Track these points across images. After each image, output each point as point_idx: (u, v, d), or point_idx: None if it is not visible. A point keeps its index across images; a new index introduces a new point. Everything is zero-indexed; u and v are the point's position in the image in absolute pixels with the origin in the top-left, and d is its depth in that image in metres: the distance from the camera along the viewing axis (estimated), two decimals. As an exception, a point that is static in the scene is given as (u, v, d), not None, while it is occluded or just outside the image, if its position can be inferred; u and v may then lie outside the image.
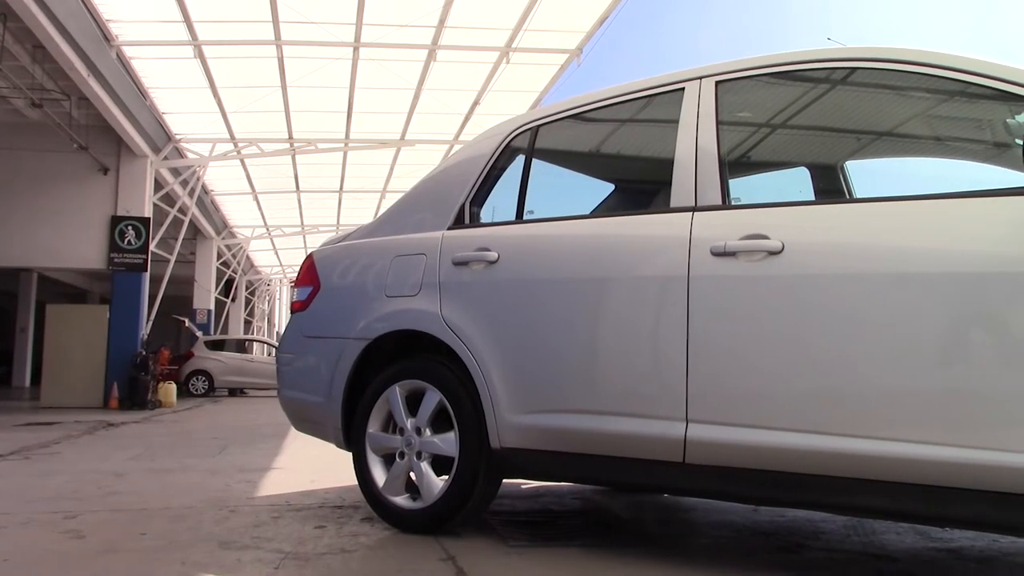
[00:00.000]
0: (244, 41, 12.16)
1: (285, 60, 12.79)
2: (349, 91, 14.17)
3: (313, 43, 12.34)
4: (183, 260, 20.75)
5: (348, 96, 14.42)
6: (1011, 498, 2.05)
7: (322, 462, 5.26)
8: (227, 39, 12.06)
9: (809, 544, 3.09)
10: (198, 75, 12.98)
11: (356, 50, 12.63)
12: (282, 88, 13.78)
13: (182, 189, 16.97)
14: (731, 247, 2.51)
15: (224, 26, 11.70)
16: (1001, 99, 2.38)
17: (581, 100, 3.24)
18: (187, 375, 19.75)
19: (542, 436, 2.87)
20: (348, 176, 19.62)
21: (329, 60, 12.79)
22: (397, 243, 3.46)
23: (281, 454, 6.33)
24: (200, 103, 14.31)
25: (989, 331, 2.16)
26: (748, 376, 2.46)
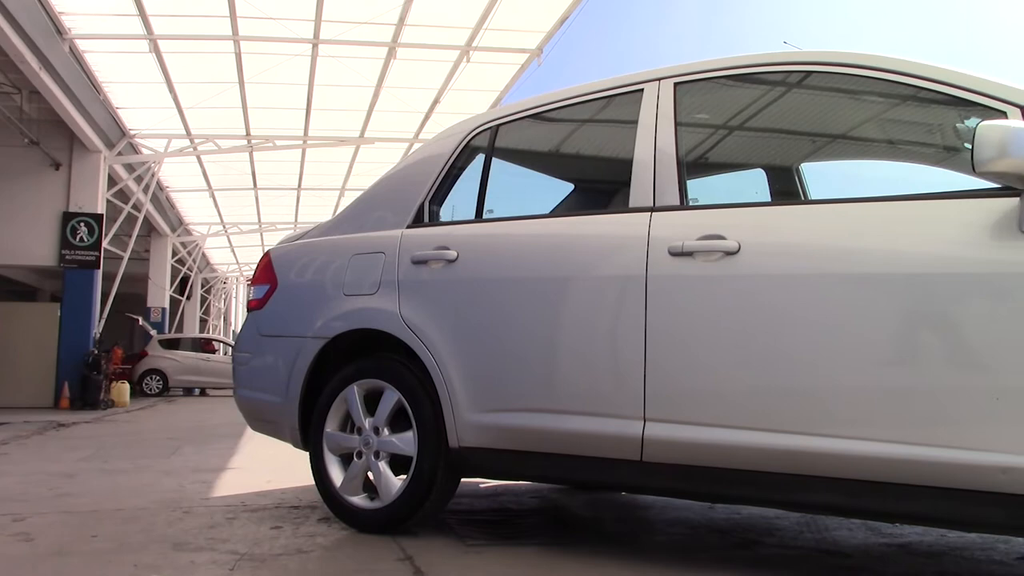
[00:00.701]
0: (201, 36, 11.99)
1: (243, 56, 12.65)
2: (308, 88, 14.05)
3: (271, 39, 12.21)
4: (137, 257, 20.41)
5: (307, 93, 14.30)
6: (958, 494, 2.10)
7: (278, 462, 5.21)
8: (183, 34, 11.88)
9: (763, 540, 3.13)
10: (153, 70, 12.77)
11: (315, 47, 12.53)
12: (240, 84, 13.62)
13: (136, 185, 16.67)
14: (688, 247, 2.53)
15: (180, 21, 11.53)
16: (951, 104, 2.43)
17: (541, 100, 3.24)
18: (141, 374, 19.42)
19: (501, 435, 2.87)
20: (306, 173, 19.45)
21: (288, 56, 12.67)
22: (355, 241, 3.44)
23: (237, 454, 6.26)
24: (155, 98, 14.08)
25: (939, 331, 2.21)
26: (705, 375, 2.49)
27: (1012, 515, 2.06)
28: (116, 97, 14.04)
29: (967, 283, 2.14)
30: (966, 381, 2.12)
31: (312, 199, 21.78)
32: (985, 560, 2.86)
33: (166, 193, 20.53)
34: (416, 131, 16.33)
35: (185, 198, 21.71)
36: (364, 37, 12.36)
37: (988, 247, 2.12)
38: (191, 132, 15.99)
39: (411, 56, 13.09)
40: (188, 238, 25.11)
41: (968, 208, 2.20)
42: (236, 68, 12.97)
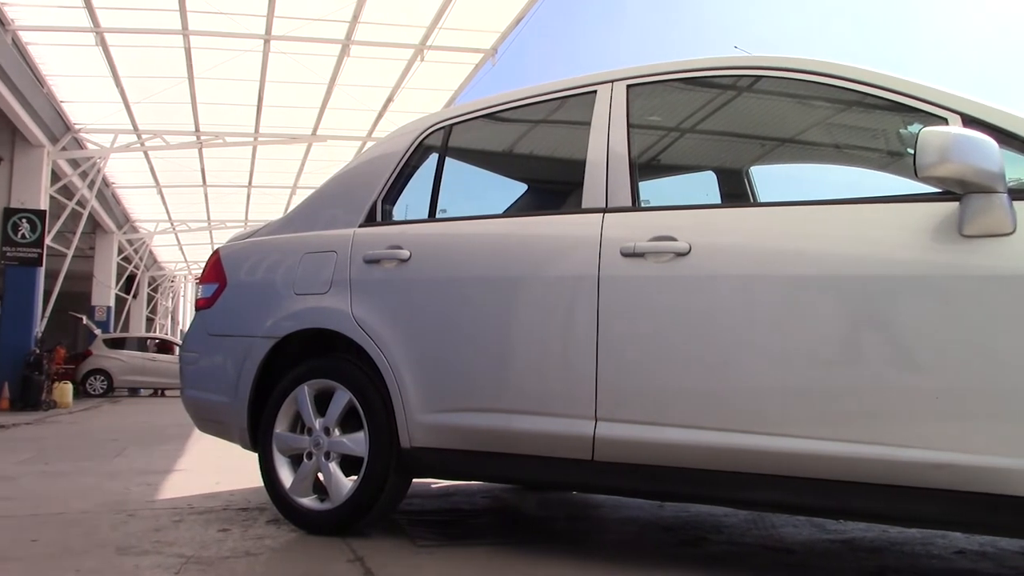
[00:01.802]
0: (149, 30, 11.78)
1: (193, 51, 12.45)
2: (259, 84, 13.89)
3: (222, 34, 12.04)
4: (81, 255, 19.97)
5: (258, 89, 14.13)
6: (900, 490, 2.16)
7: (226, 464, 5.13)
8: (131, 27, 11.65)
9: (711, 538, 3.17)
10: (100, 63, 12.51)
11: (267, 43, 12.39)
12: (189, 79, 13.41)
13: (81, 181, 16.31)
14: (640, 248, 2.56)
15: (128, 14, 11.30)
16: (895, 110, 2.49)
17: (495, 100, 3.25)
18: (84, 375, 18.99)
19: (453, 435, 2.87)
20: (257, 171, 19.22)
21: (239, 52, 12.51)
22: (307, 240, 3.41)
23: (184, 456, 6.16)
24: (102, 93, 13.80)
25: (882, 332, 2.26)
26: (656, 375, 2.51)
27: (948, 511, 2.12)
28: (61, 91, 13.73)
29: (910, 285, 2.19)
30: (906, 381, 2.17)
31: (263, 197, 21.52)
32: (924, 555, 2.93)
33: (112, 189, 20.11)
34: (369, 129, 16.24)
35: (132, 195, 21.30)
36: (317, 34, 12.26)
37: (930, 250, 2.17)
38: (138, 127, 15.70)
39: (365, 54, 13.02)
40: (135, 235, 24.64)
41: (911, 212, 2.25)
42: (186, 63, 12.77)
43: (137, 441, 7.40)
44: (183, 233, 25.84)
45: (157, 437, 7.82)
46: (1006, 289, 2.05)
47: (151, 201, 21.87)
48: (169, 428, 8.84)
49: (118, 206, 21.60)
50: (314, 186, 5.86)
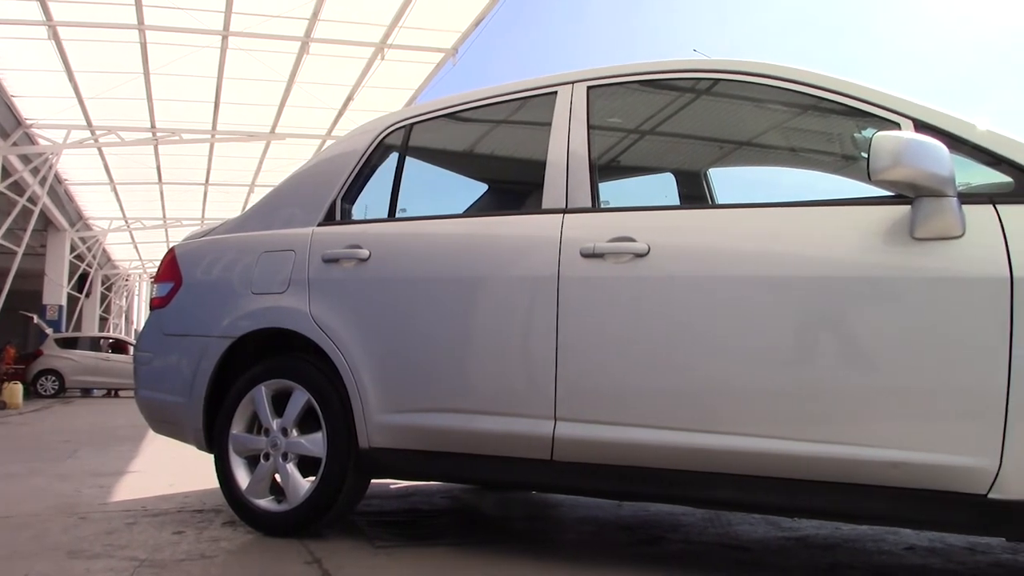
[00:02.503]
0: (104, 24, 11.57)
1: (149, 46, 12.26)
2: (217, 81, 13.72)
3: (179, 30, 11.88)
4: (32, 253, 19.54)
5: (216, 86, 13.96)
6: (855, 488, 2.20)
7: (181, 465, 5.06)
8: (85, 20, 11.43)
9: (669, 536, 3.20)
10: (52, 57, 12.26)
11: (225, 39, 12.25)
12: (145, 75, 13.20)
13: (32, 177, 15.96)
14: (600, 249, 2.57)
15: (82, 7, 11.10)
16: (849, 114, 2.53)
17: (456, 100, 3.24)
18: (35, 375, 18.57)
19: (412, 435, 2.86)
20: (215, 169, 18.99)
21: (196, 48, 12.34)
22: (265, 239, 3.37)
23: (137, 457, 6.05)
24: (54, 87, 13.52)
25: (837, 332, 2.30)
26: (614, 375, 2.53)
27: (901, 508, 2.16)
28: (11, 85, 13.42)
29: (863, 287, 2.23)
30: (861, 381, 2.21)
31: (220, 195, 21.26)
32: (875, 551, 2.99)
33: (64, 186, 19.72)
34: (329, 128, 16.13)
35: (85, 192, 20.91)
36: (276, 31, 12.14)
37: (882, 252, 2.21)
38: (92, 123, 15.41)
39: (324, 52, 12.93)
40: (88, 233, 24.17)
41: (865, 215, 2.29)
42: (141, 58, 12.56)
43: (89, 442, 7.26)
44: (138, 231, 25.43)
45: (110, 438, 7.68)
46: (956, 290, 2.10)
47: (105, 198, 21.48)
48: (122, 429, 8.69)
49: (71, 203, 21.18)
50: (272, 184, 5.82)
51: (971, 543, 3.07)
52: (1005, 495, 2.01)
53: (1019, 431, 1.99)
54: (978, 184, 2.26)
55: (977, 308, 2.07)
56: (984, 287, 2.06)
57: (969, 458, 2.05)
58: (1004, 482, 2.01)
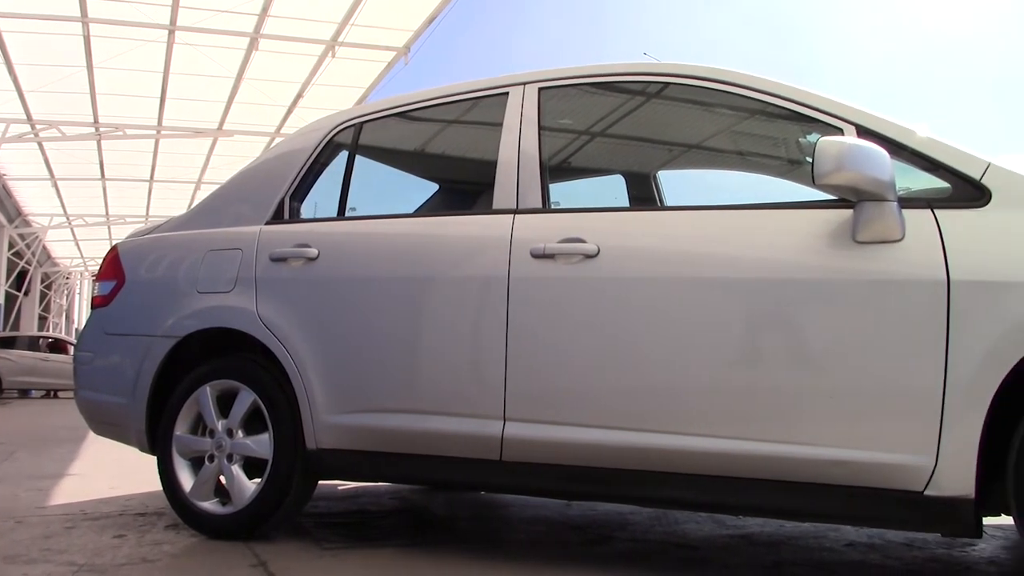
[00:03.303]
0: (46, 16, 11.26)
1: (92, 39, 11.98)
2: (163, 76, 13.48)
3: (124, 23, 11.62)
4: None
5: (162, 81, 13.71)
6: (796, 486, 2.24)
7: (123, 467, 4.95)
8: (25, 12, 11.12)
9: (617, 536, 3.22)
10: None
11: (172, 33, 12.03)
12: (88, 69, 12.90)
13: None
14: (550, 249, 2.58)
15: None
16: (795, 119, 2.58)
17: (407, 99, 3.23)
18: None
19: (360, 436, 2.84)
20: (160, 165, 18.64)
21: (142, 42, 12.10)
22: (211, 237, 3.32)
23: (77, 460, 5.90)
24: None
25: (781, 334, 2.34)
26: (564, 375, 2.54)
27: (843, 505, 2.21)
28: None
29: (807, 288, 2.27)
30: (805, 381, 2.25)
31: (165, 192, 20.88)
32: (817, 547, 3.05)
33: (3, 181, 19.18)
34: (278, 125, 15.95)
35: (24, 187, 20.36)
36: (224, 26, 11.95)
37: (826, 255, 2.26)
38: (32, 117, 15.01)
39: (274, 48, 12.77)
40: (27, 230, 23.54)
41: (809, 218, 2.33)
42: (84, 51, 12.28)
43: (27, 445, 7.06)
44: (79, 228, 24.84)
45: (49, 440, 7.48)
46: (895, 293, 2.15)
47: (45, 194, 20.94)
48: (62, 431, 8.47)
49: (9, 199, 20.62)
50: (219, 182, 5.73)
51: (909, 539, 3.15)
52: (941, 492, 2.07)
53: (954, 430, 2.05)
54: (917, 189, 2.32)
55: (915, 310, 2.12)
56: (922, 290, 2.12)
57: (907, 456, 2.10)
58: (940, 479, 2.07)
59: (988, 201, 2.16)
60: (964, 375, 2.04)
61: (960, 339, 2.06)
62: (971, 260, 2.09)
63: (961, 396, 2.04)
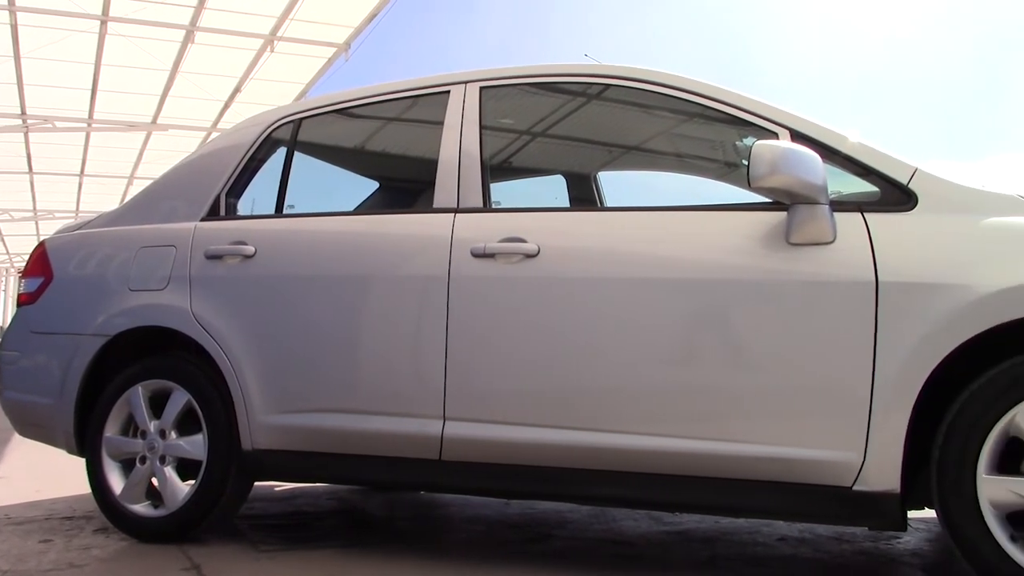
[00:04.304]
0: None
1: (20, 28, 11.60)
2: (95, 67, 13.11)
3: (54, 12, 11.27)
4: None
5: (93, 72, 13.33)
6: (731, 483, 2.29)
7: (49, 470, 4.79)
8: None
9: (556, 534, 3.24)
10: (-90, 36, 11.44)
11: (104, 24, 11.71)
12: (15, 58, 12.49)
13: None
14: (490, 249, 2.58)
15: (-57, -17, 10.40)
16: (732, 123, 2.63)
17: (347, 95, 3.20)
18: None
19: (298, 436, 2.81)
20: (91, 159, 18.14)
21: (72, 32, 11.75)
22: (144, 233, 3.24)
23: (1, 462, 5.71)
24: (-89, 67, 12.62)
25: (717, 333, 2.38)
26: (504, 374, 2.55)
27: (776, 501, 2.27)
28: None
29: (742, 289, 2.32)
30: (739, 380, 2.30)
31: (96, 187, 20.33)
32: (751, 543, 3.11)
33: (-77, 173, 18.45)
34: (215, 120, 15.65)
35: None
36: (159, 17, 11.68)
37: (760, 256, 2.31)
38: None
39: (211, 41, 12.53)
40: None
41: (745, 220, 2.38)
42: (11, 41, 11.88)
43: (-53, 447, 6.80)
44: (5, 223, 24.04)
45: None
46: (826, 294, 2.21)
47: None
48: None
49: (-71, 192, 19.84)
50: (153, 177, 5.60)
51: (838, 533, 3.23)
52: (868, 487, 2.13)
53: (881, 427, 2.11)
54: (848, 193, 2.39)
55: (845, 311, 2.18)
56: (852, 291, 2.18)
57: (837, 453, 2.16)
58: (867, 475, 2.13)
59: (915, 205, 2.23)
60: (891, 374, 2.11)
61: (887, 339, 2.12)
62: (898, 262, 2.16)
63: (888, 394, 2.11)
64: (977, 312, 2.05)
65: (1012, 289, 2.03)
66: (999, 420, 2.02)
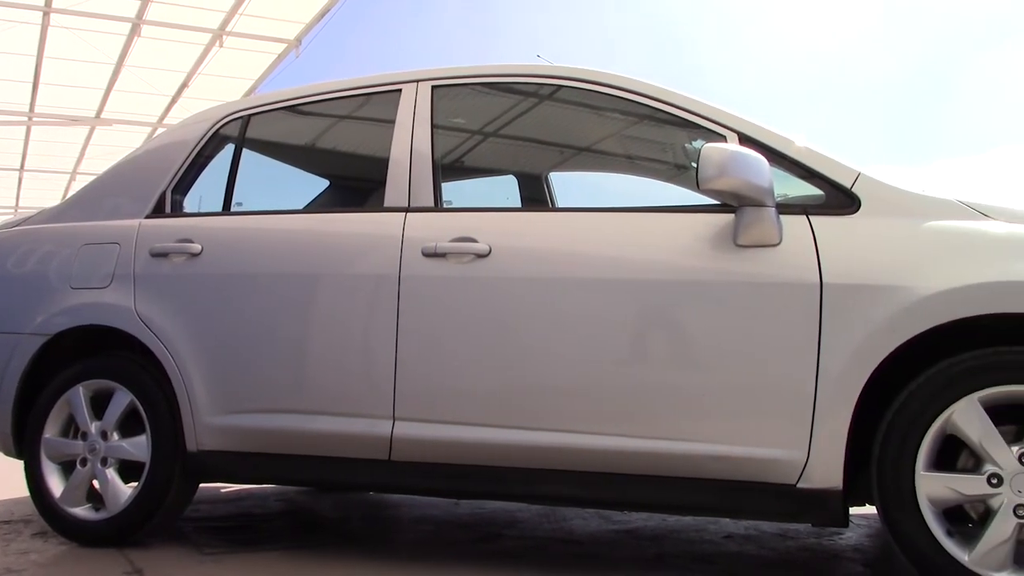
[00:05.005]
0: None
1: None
2: (36, 60, 12.77)
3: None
4: None
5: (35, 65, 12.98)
6: (678, 481, 2.32)
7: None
8: None
9: (506, 533, 3.24)
10: None
11: (47, 15, 11.41)
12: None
13: None
14: (441, 248, 2.58)
15: None
16: (681, 126, 2.66)
17: (298, 92, 3.16)
18: None
19: (245, 437, 2.77)
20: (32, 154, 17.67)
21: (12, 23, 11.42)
22: (86, 230, 3.17)
23: (-65, 465, 5.53)
24: None
25: (666, 333, 2.41)
26: (454, 374, 2.54)
27: (722, 499, 2.31)
28: None
29: (690, 290, 2.34)
30: (687, 379, 2.33)
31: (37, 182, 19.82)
32: (698, 540, 3.15)
33: None
34: (161, 115, 15.35)
35: None
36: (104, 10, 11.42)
37: (709, 257, 2.34)
38: None
39: (158, 35, 12.28)
40: None
41: (694, 221, 2.41)
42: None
43: None
44: (-60, 218, 23.29)
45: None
46: (772, 295, 2.25)
47: (-99, 181, 19.55)
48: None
49: None
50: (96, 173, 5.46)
51: (782, 530, 3.29)
52: (812, 484, 2.17)
53: (824, 426, 2.16)
54: (794, 196, 2.43)
55: (791, 312, 2.22)
56: (797, 292, 2.22)
57: (781, 451, 2.20)
58: (811, 473, 2.17)
59: (858, 208, 2.28)
60: (834, 374, 2.15)
61: (831, 339, 2.17)
62: (842, 264, 2.21)
63: (831, 394, 2.15)
64: (917, 314, 2.10)
65: (950, 291, 2.09)
66: (936, 419, 2.08)
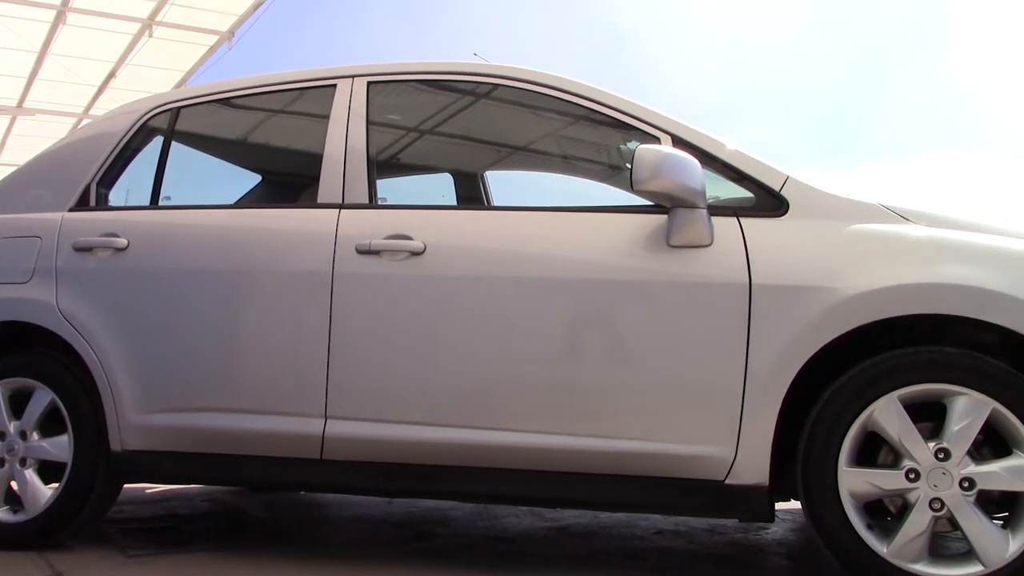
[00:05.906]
0: None
1: None
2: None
3: (-96, -18, 10.48)
4: None
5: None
6: (609, 478, 2.35)
7: None
8: None
9: (438, 532, 3.24)
10: None
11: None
12: None
13: None
14: (375, 246, 2.56)
15: None
16: (616, 127, 2.69)
17: (230, 85, 3.10)
18: None
19: (172, 437, 2.71)
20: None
21: (-74, 6, 10.95)
22: (5, 223, 3.05)
23: None
24: None
25: (599, 332, 2.43)
26: (387, 373, 2.53)
27: (653, 495, 2.35)
28: None
29: (623, 289, 2.37)
30: (618, 378, 2.36)
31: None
32: (629, 536, 3.19)
33: None
34: (87, 106, 14.86)
35: None
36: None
37: (642, 257, 2.37)
38: None
39: (84, 23, 11.88)
40: None
41: (628, 222, 2.44)
42: None
43: None
44: None
45: None
46: (703, 295, 2.29)
47: None
48: None
49: None
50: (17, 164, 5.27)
51: (711, 525, 3.36)
52: (739, 480, 2.23)
53: (752, 424, 2.21)
54: (726, 198, 2.48)
55: (720, 311, 2.27)
56: (727, 292, 2.26)
57: (710, 448, 2.25)
58: (739, 469, 2.22)
59: (786, 211, 2.34)
60: (761, 372, 2.21)
61: (759, 338, 2.22)
62: (770, 265, 2.26)
63: (758, 392, 2.20)
64: (839, 314, 2.17)
65: (871, 293, 2.16)
66: (858, 416, 2.15)
